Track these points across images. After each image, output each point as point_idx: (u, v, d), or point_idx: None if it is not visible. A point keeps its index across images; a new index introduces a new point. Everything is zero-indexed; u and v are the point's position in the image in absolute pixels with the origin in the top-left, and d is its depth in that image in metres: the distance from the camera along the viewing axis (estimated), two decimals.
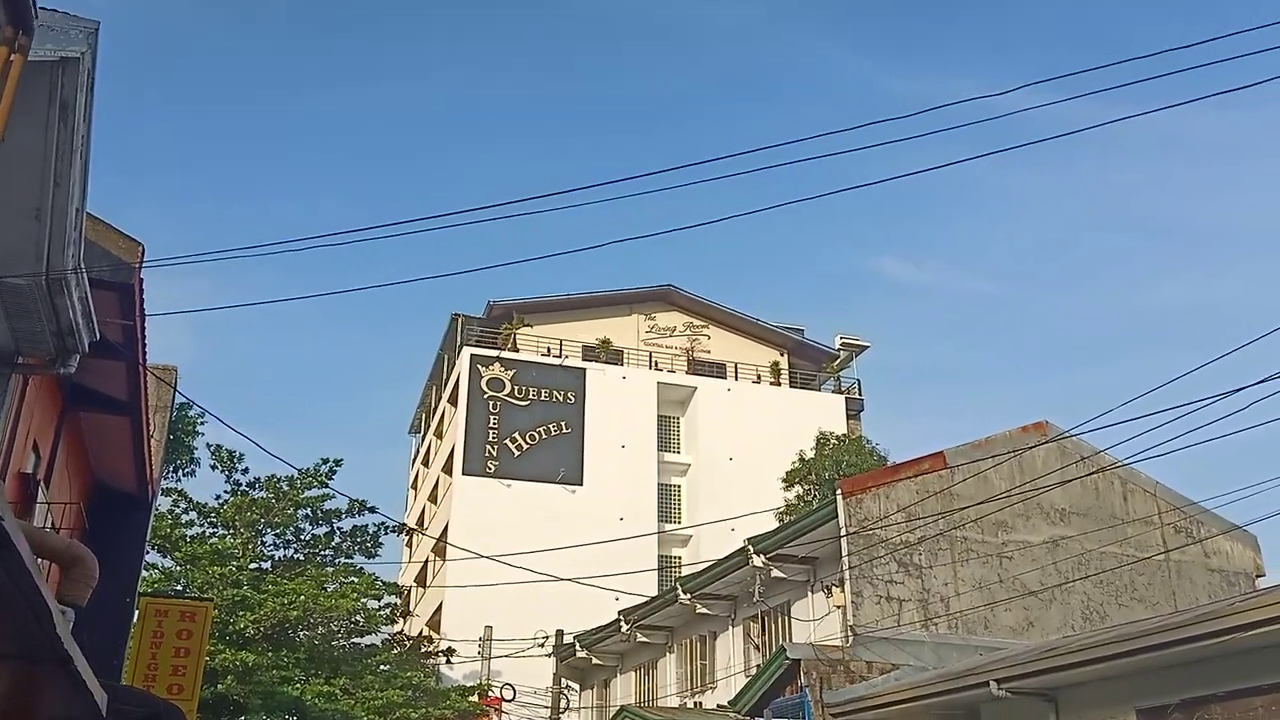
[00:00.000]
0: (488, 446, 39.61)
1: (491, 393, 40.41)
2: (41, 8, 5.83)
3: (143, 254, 8.79)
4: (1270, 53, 7.58)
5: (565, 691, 28.25)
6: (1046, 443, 18.73)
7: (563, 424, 40.73)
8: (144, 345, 9.85)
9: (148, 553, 18.05)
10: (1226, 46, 7.59)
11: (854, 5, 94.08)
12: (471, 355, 40.96)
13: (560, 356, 42.17)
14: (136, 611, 14.03)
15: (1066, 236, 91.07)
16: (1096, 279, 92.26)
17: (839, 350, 46.93)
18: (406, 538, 44.42)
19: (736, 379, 44.62)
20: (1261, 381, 9.15)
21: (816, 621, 18.07)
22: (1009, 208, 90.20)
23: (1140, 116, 8.99)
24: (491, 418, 40.03)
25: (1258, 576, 19.71)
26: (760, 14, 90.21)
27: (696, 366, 44.65)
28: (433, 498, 44.75)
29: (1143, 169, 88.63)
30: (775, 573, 18.77)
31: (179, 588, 22.13)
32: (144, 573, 18.50)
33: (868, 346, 47.34)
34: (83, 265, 7.55)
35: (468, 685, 28.79)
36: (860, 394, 46.20)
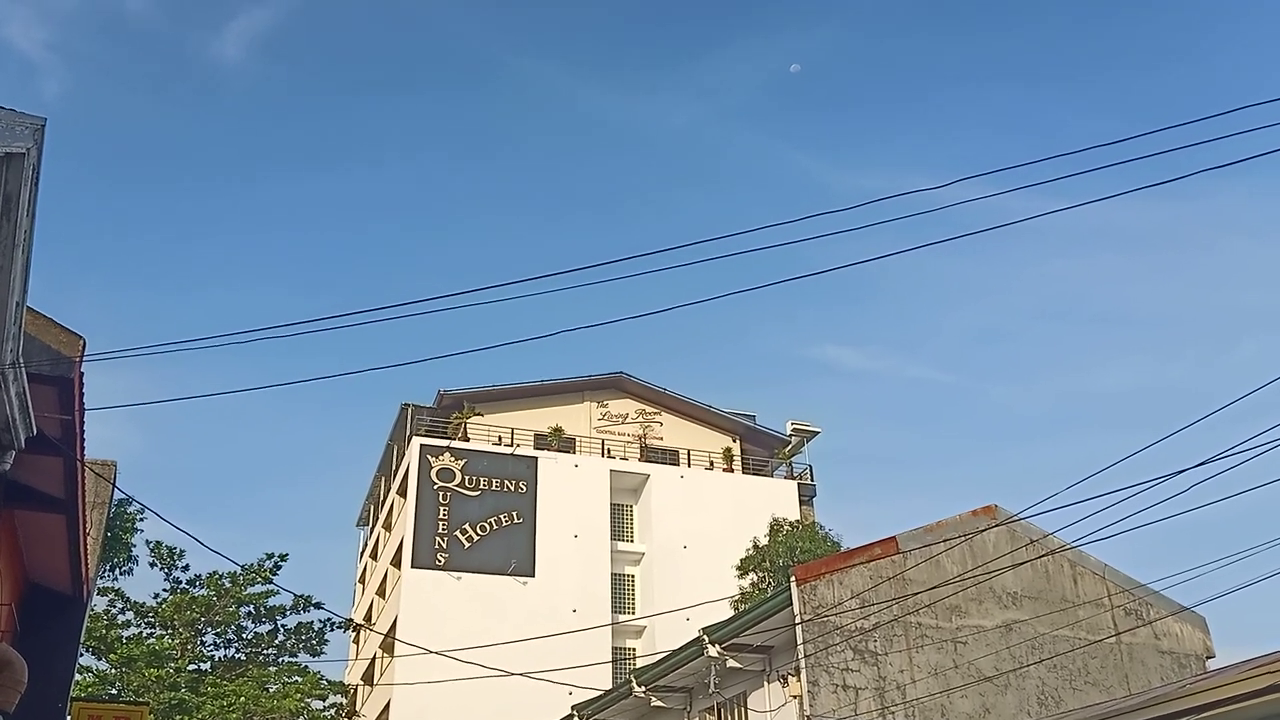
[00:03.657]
0: (437, 538, 38.95)
1: (441, 483, 39.90)
2: None
3: (83, 348, 8.66)
4: (1201, 145, 7.93)
5: None
6: (996, 526, 18.83)
7: (514, 514, 40.26)
8: (82, 441, 9.62)
9: (81, 655, 17.40)
10: (1157, 141, 7.92)
11: (798, 104, 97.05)
12: (421, 445, 40.52)
13: (512, 445, 41.87)
14: (69, 717, 13.50)
15: (1006, 324, 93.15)
16: (1038, 365, 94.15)
17: (790, 436, 47.15)
18: (353, 634, 43.26)
19: (689, 466, 44.55)
20: (1202, 464, 9.33)
21: (773, 712, 17.78)
22: (948, 297, 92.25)
23: (1077, 208, 9.29)
24: (441, 509, 39.45)
25: (1208, 658, 19.80)
26: (708, 113, 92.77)
27: (649, 454, 44.54)
28: (381, 591, 43.77)
29: (1079, 259, 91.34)
30: (731, 662, 18.49)
31: (114, 691, 21.31)
32: (77, 676, 17.79)
33: (818, 432, 47.63)
34: (21, 360, 7.42)
35: None
36: (812, 479, 46.31)
